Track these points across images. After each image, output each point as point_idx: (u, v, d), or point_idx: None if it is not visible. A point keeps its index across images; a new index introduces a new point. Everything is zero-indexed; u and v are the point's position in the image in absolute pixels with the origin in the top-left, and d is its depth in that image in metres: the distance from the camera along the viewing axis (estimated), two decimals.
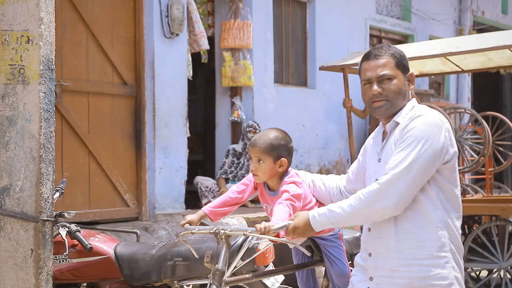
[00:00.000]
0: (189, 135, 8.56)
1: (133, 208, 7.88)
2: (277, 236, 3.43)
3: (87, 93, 7.51)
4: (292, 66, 10.51)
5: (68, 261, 4.18)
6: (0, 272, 3.41)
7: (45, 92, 3.43)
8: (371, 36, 11.99)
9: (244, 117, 9.28)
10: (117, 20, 7.83)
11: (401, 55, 3.32)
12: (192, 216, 3.71)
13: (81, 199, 7.37)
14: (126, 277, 4.26)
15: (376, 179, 3.22)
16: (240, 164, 8.68)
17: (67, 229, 3.96)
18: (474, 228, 7.61)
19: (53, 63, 3.49)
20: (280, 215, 3.45)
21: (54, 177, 3.49)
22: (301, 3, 10.66)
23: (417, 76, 8.43)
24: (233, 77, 9.27)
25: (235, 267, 3.85)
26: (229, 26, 9.24)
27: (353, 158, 7.44)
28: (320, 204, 3.72)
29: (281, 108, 9.88)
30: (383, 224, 3.23)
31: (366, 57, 3.35)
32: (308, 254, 3.91)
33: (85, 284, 4.30)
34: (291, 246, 3.85)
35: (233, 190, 3.81)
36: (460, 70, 7.88)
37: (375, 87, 3.26)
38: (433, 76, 12.65)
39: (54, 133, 3.48)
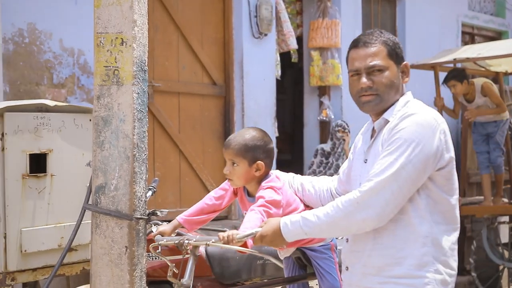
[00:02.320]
0: (277, 134, 8.57)
1: None
2: (244, 245, 3.02)
3: (178, 93, 7.62)
4: None
5: (161, 259, 4.25)
6: (96, 269, 3.49)
7: (138, 93, 3.47)
8: (463, 33, 11.72)
9: (332, 117, 9.23)
10: (206, 21, 7.91)
11: (394, 42, 2.94)
12: (165, 226, 3.43)
13: (172, 197, 7.48)
14: (216, 276, 4.30)
15: (360, 183, 2.83)
16: (329, 164, 8.63)
17: None
18: None
19: (146, 64, 3.54)
20: (250, 222, 3.08)
21: (147, 176, 3.54)
22: (391, 1, 10.51)
23: (511, 73, 8.19)
24: (322, 76, 9.23)
25: None
26: (317, 25, 9.21)
27: None
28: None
29: None
30: (361, 236, 2.83)
31: (355, 44, 2.93)
32: (281, 265, 3.57)
33: None
34: (276, 258, 3.53)
35: (210, 196, 3.52)
36: None
37: (364, 79, 2.86)
38: None
39: (147, 133, 3.54)
